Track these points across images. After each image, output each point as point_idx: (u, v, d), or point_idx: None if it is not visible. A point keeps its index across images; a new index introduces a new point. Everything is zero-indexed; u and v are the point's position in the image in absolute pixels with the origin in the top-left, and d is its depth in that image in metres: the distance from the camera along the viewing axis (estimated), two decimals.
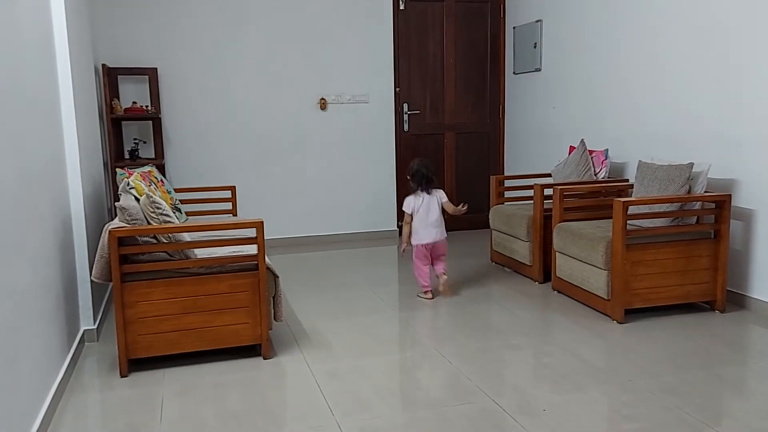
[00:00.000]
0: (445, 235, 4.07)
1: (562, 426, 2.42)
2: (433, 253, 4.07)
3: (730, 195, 3.61)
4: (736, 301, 3.77)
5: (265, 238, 3.25)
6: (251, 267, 3.10)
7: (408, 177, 4.09)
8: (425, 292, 4.10)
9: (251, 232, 3.11)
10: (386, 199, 6.09)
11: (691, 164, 3.65)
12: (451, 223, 6.39)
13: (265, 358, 3.14)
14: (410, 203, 4.01)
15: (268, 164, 5.70)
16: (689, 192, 3.66)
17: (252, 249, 3.13)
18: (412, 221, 4.01)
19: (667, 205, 3.62)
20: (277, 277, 3.20)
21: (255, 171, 5.69)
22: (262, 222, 3.07)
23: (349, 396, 2.73)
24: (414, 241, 4.03)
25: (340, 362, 3.11)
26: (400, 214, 6.20)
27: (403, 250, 4.15)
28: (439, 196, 4.03)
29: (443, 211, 4.04)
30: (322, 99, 5.77)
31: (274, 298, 3.21)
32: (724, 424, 2.42)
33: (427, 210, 3.97)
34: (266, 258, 3.12)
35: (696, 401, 2.60)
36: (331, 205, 5.93)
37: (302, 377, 2.95)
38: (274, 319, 3.24)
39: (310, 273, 4.99)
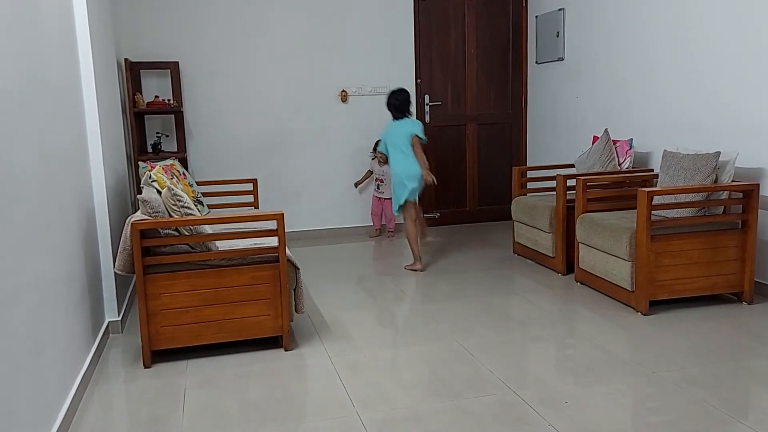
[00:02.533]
0: (387, 196, 5.62)
1: (585, 418, 2.39)
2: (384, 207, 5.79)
3: (758, 184, 3.53)
4: (764, 292, 3.68)
5: (286, 230, 3.26)
6: (272, 259, 3.11)
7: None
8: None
9: (272, 225, 3.12)
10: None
11: (718, 153, 3.57)
12: (473, 214, 6.37)
13: (286, 350, 3.15)
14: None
15: (289, 157, 5.71)
16: (716, 181, 3.58)
17: (273, 241, 3.14)
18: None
19: (693, 195, 3.55)
20: (298, 269, 3.21)
21: (276, 163, 5.70)
22: (283, 214, 3.08)
23: (370, 387, 2.73)
24: None
25: (361, 353, 3.11)
26: (422, 205, 6.19)
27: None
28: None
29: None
30: (343, 91, 5.77)
31: (294, 289, 3.22)
32: (751, 417, 2.37)
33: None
34: (287, 250, 3.12)
35: (722, 394, 2.55)
36: (352, 198, 5.92)
37: (323, 368, 2.95)
38: (295, 310, 3.25)
39: (332, 265, 5.00)
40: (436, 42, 6.04)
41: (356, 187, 5.86)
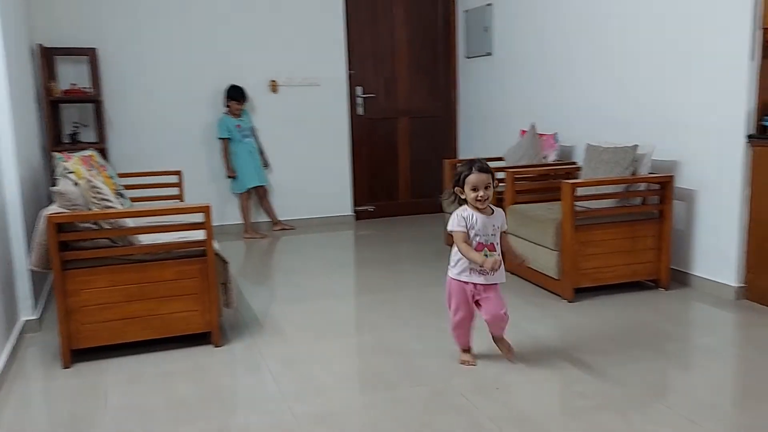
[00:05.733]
0: (493, 281, 2.73)
1: (515, 404, 2.45)
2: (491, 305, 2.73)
3: (673, 176, 3.70)
4: (679, 278, 3.88)
5: (215, 224, 3.19)
6: (199, 253, 3.01)
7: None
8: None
9: (198, 217, 3.02)
10: (341, 184, 6.04)
11: (636, 146, 3.73)
12: (407, 207, 6.41)
13: (215, 346, 3.07)
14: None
15: (217, 147, 5.55)
16: (634, 173, 3.73)
17: (200, 234, 3.04)
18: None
19: (614, 186, 3.69)
20: (227, 262, 3.13)
21: (203, 154, 5.54)
22: (209, 206, 2.98)
23: (303, 381, 2.69)
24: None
25: (293, 348, 3.07)
26: (356, 198, 6.18)
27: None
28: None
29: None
30: (273, 81, 5.66)
31: (224, 284, 3.14)
32: (670, 398, 2.49)
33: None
34: (215, 243, 3.04)
35: (644, 376, 2.66)
36: (284, 190, 5.83)
37: (254, 364, 2.89)
38: (225, 305, 3.17)
39: (264, 259, 4.92)
40: (367, 33, 6.02)
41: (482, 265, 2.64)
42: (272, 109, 5.71)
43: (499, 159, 4.98)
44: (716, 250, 3.65)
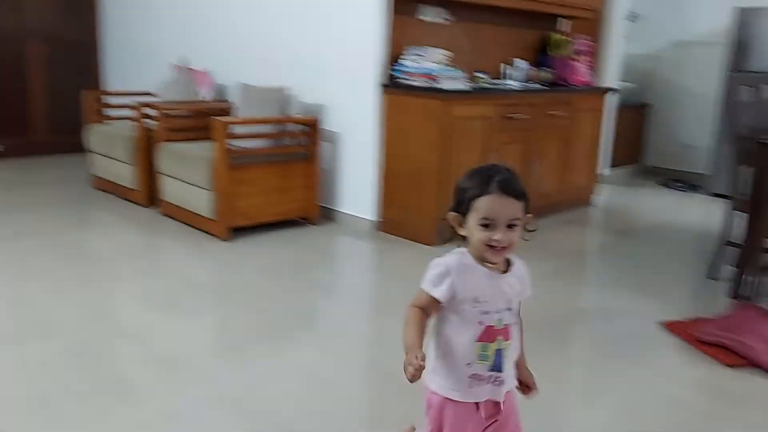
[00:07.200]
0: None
1: (162, 346, 2.35)
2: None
3: (317, 118, 3.93)
4: (327, 215, 4.17)
5: None
6: None
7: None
8: None
9: None
10: None
11: (284, 87, 3.85)
12: (44, 146, 5.56)
13: None
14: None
15: None
16: (283, 114, 3.86)
17: None
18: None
19: (267, 126, 3.76)
20: None
21: None
22: None
23: None
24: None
25: None
26: None
27: None
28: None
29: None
30: None
31: None
32: (315, 321, 2.70)
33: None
34: None
35: (293, 306, 2.80)
36: None
37: None
38: None
39: None
40: None
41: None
42: None
43: (149, 94, 4.66)
44: (357, 189, 4.02)
